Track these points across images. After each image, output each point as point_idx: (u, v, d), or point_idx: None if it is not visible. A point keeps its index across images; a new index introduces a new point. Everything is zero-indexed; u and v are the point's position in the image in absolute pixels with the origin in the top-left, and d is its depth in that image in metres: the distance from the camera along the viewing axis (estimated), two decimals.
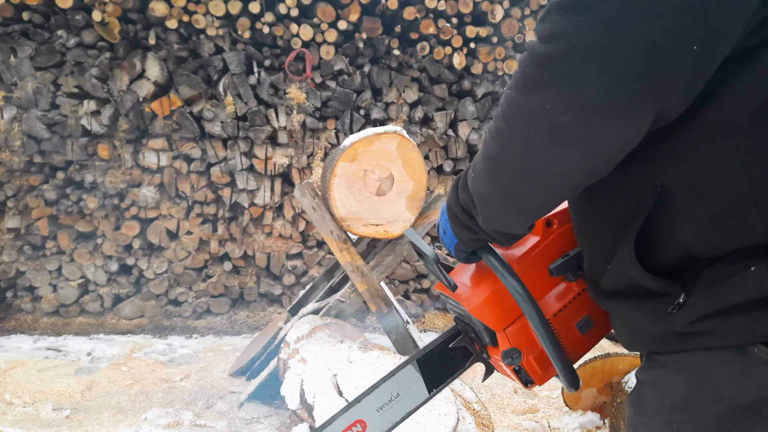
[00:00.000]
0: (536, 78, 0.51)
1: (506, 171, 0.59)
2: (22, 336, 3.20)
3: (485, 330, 0.81)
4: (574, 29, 0.46)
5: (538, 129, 0.52)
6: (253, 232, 3.67)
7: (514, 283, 0.73)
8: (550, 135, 0.52)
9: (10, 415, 2.14)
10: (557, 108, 0.49)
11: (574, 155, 0.53)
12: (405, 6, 3.44)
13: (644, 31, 0.44)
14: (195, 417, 2.12)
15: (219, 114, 3.44)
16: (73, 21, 3.25)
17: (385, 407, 0.94)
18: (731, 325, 0.53)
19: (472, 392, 2.06)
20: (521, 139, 0.55)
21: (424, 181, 2.14)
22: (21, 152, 3.37)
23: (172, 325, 3.52)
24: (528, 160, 0.56)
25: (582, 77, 0.47)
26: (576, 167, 0.54)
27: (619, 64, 0.45)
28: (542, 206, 0.63)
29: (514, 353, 0.78)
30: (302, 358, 1.91)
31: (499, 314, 0.79)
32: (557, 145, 0.52)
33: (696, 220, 0.56)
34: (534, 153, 0.55)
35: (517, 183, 0.59)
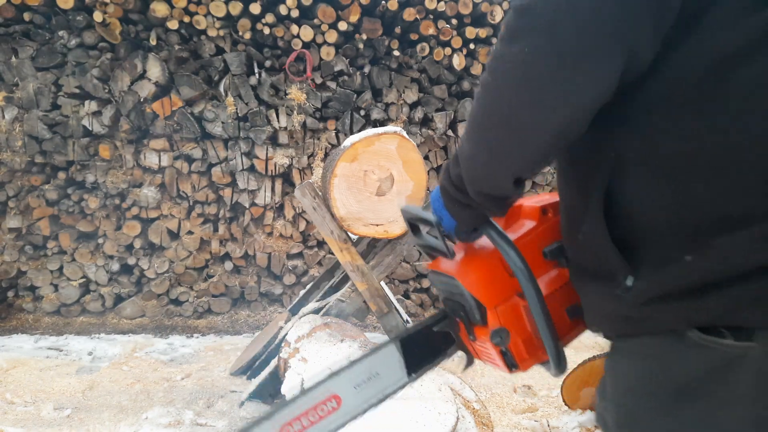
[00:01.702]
0: (516, 28, 0.54)
1: (491, 125, 0.62)
2: (23, 335, 3.21)
3: (476, 307, 0.80)
4: None
5: (519, 76, 0.55)
6: (253, 232, 3.68)
7: (515, 257, 0.74)
8: (529, 81, 0.54)
9: (11, 414, 2.15)
10: (536, 54, 0.53)
11: (553, 102, 0.55)
12: (405, 7, 3.45)
13: None
14: (196, 416, 2.13)
15: (220, 114, 3.45)
16: (75, 22, 3.26)
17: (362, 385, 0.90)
18: (670, 310, 0.55)
19: (471, 391, 2.07)
20: (504, 88, 0.58)
21: (424, 181, 2.15)
22: (22, 152, 3.38)
23: (173, 325, 3.53)
24: (510, 110, 0.58)
25: (558, 24, 0.51)
26: (555, 116, 0.56)
27: (590, 10, 0.50)
28: (526, 161, 0.64)
29: (503, 333, 0.78)
30: (303, 357, 1.92)
31: (492, 291, 0.79)
32: (537, 90, 0.55)
33: (644, 190, 0.58)
34: (516, 101, 0.57)
35: (502, 136, 0.61)
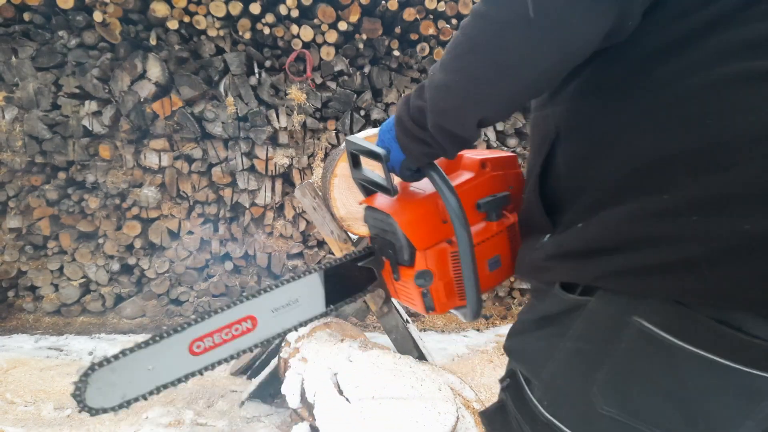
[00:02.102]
0: None
1: (477, 54, 0.62)
2: (23, 335, 3.21)
3: (407, 247, 0.82)
4: None
5: (519, 7, 0.56)
6: (253, 232, 3.68)
7: (454, 203, 0.76)
8: (527, 14, 0.56)
9: (11, 414, 2.15)
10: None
11: (546, 39, 0.58)
12: (405, 7, 3.45)
13: None
14: (196, 416, 2.13)
15: (220, 114, 3.45)
16: (74, 22, 3.26)
17: (280, 310, 0.92)
18: (557, 268, 0.67)
19: (471, 391, 2.08)
20: (501, 17, 0.59)
21: None
22: (22, 152, 3.38)
23: (174, 325, 3.53)
24: (502, 40, 0.60)
25: None
26: (543, 53, 0.59)
27: None
28: (500, 100, 0.66)
29: (427, 275, 0.81)
30: (303, 357, 1.92)
31: (424, 234, 0.81)
32: (533, 24, 0.56)
33: (567, 162, 0.69)
34: (510, 32, 0.58)
35: (485, 65, 0.62)
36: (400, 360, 1.90)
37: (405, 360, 1.92)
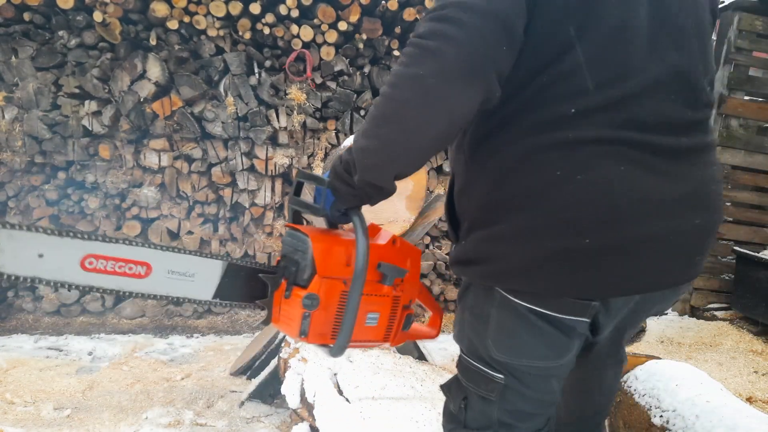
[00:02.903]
0: (416, 56, 0.77)
1: (388, 124, 0.81)
2: (23, 335, 3.21)
3: (310, 267, 0.92)
4: (443, 31, 0.75)
5: (415, 89, 0.77)
6: (253, 232, 3.68)
7: (363, 246, 0.90)
8: (423, 93, 0.77)
9: (11, 414, 2.15)
10: (429, 74, 0.75)
11: (438, 109, 0.77)
12: (405, 7, 3.45)
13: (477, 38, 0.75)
14: (196, 416, 2.13)
15: (220, 114, 3.45)
16: (74, 22, 3.26)
17: (175, 275, 0.96)
18: (455, 269, 1.01)
19: None
20: (402, 97, 0.79)
21: (423, 181, 2.15)
22: (22, 152, 3.38)
23: (173, 325, 3.53)
24: (405, 113, 0.79)
25: (445, 56, 0.75)
26: (435, 121, 0.79)
27: (467, 51, 0.75)
28: (408, 158, 0.85)
29: (315, 299, 0.91)
30: (302, 357, 1.92)
31: (329, 263, 0.93)
32: (427, 98, 0.77)
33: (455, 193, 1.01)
34: (410, 106, 0.78)
35: (395, 133, 0.80)
36: (400, 360, 1.90)
37: (405, 360, 1.92)
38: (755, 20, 3.73)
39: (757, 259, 3.48)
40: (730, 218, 3.96)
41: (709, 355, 3.10)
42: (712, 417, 1.46)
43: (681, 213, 0.87)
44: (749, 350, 3.18)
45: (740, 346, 3.24)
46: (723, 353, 3.12)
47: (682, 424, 1.50)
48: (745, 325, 3.60)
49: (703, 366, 2.88)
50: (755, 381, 2.69)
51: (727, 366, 2.90)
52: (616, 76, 0.82)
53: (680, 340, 3.37)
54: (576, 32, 0.80)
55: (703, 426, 1.44)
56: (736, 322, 3.69)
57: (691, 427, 1.47)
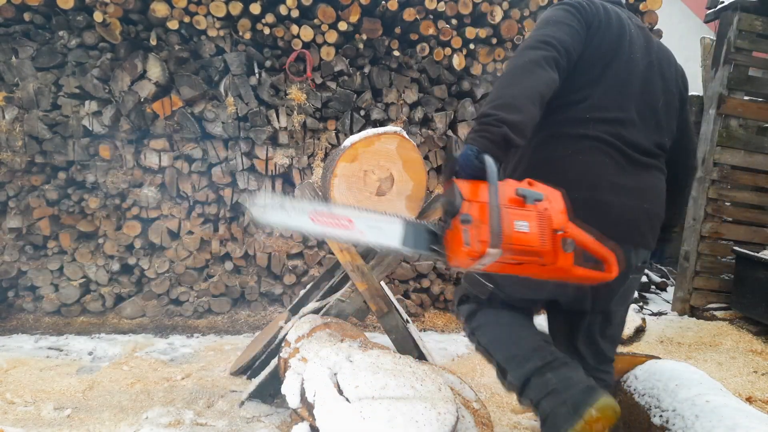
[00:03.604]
0: (526, 48, 1.35)
1: (515, 72, 1.30)
2: (23, 335, 3.21)
3: (459, 197, 1.17)
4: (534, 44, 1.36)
5: (525, 63, 1.30)
6: (254, 232, 3.68)
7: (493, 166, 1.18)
8: (529, 62, 1.30)
9: (11, 414, 2.15)
10: (534, 59, 1.31)
11: (537, 75, 1.29)
12: (405, 7, 3.45)
13: (560, 29, 1.39)
14: (196, 416, 2.13)
15: (220, 114, 3.45)
16: (75, 22, 3.26)
17: (371, 227, 1.27)
18: None
19: (471, 391, 2.08)
20: (520, 60, 1.31)
21: (423, 181, 2.15)
22: (22, 152, 3.38)
23: (174, 325, 3.53)
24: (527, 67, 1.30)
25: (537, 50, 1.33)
26: (538, 79, 1.29)
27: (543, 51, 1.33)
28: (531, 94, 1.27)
29: (467, 216, 1.15)
30: (303, 357, 1.92)
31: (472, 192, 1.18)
32: (532, 63, 1.31)
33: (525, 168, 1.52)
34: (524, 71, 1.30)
35: (519, 76, 1.29)
36: (400, 360, 1.90)
37: (405, 360, 1.92)
38: (755, 20, 3.73)
39: (757, 259, 3.48)
40: (730, 218, 3.96)
41: (708, 354, 3.10)
42: (712, 417, 1.46)
43: (632, 197, 1.40)
44: (749, 350, 3.18)
45: (740, 346, 3.24)
46: (723, 353, 3.12)
47: (681, 424, 1.50)
48: (744, 325, 3.60)
49: (702, 366, 2.88)
50: (755, 381, 2.69)
51: (727, 366, 2.90)
52: (617, 107, 1.41)
53: (680, 339, 3.37)
54: (601, 73, 1.41)
55: (702, 426, 1.44)
56: (736, 322, 3.69)
57: (690, 427, 1.47)
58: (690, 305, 3.99)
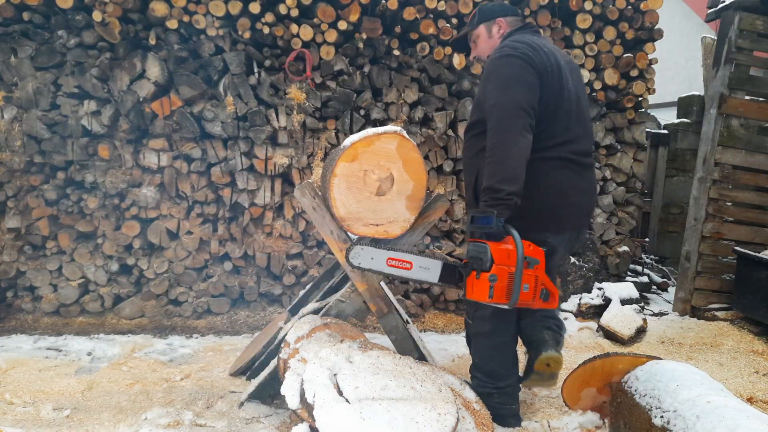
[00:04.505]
0: (509, 117, 1.80)
1: (507, 146, 1.73)
2: (22, 336, 3.20)
3: (490, 260, 1.65)
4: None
5: (511, 133, 1.76)
6: (253, 232, 3.67)
7: (521, 244, 1.68)
8: (515, 135, 1.75)
9: (10, 414, 2.14)
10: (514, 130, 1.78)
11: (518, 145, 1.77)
12: (405, 6, 3.44)
13: (524, 89, 1.80)
14: (195, 416, 2.12)
15: (219, 114, 3.44)
16: (74, 21, 3.26)
17: (421, 268, 1.82)
18: None
19: (471, 392, 2.07)
20: (508, 135, 1.74)
21: (424, 181, 2.14)
22: (21, 152, 3.37)
23: (173, 325, 3.52)
24: (512, 140, 1.74)
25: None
26: (522, 144, 1.77)
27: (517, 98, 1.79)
28: (521, 162, 1.73)
29: (495, 277, 1.64)
30: (302, 357, 1.91)
31: (500, 258, 1.67)
32: (516, 135, 1.76)
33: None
34: (512, 138, 1.75)
35: (510, 149, 1.72)
36: (400, 361, 1.89)
37: (405, 361, 1.91)
38: (756, 20, 3.72)
39: (758, 260, 3.47)
40: (731, 218, 3.95)
41: (709, 355, 3.09)
42: (713, 417, 1.45)
43: (586, 194, 1.99)
44: (750, 350, 3.17)
45: (741, 347, 3.23)
46: (724, 353, 3.11)
47: (682, 425, 1.49)
48: (745, 326, 3.59)
49: (703, 366, 2.88)
50: (756, 381, 2.68)
51: (728, 366, 2.90)
52: (567, 129, 1.90)
53: (681, 340, 3.36)
54: (554, 109, 1.86)
55: (703, 426, 1.43)
56: (737, 322, 3.68)
57: (691, 428, 1.46)
58: (691, 305, 3.98)
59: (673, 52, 9.84)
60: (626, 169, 4.13)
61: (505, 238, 1.70)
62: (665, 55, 8.25)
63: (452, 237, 3.90)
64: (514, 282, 1.62)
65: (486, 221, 1.67)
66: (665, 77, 9.29)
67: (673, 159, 5.65)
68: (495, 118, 1.75)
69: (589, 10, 3.70)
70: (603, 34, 3.80)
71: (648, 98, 4.05)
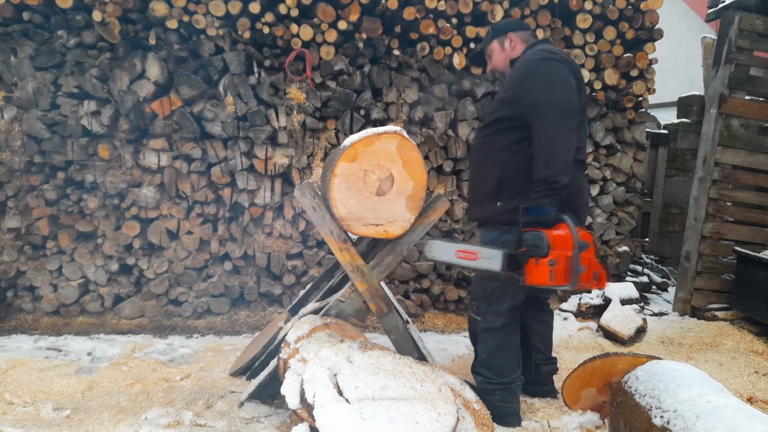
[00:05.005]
0: (564, 115, 1.93)
1: (562, 140, 1.86)
2: (22, 336, 3.20)
3: (547, 246, 1.76)
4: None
5: (565, 129, 1.89)
6: (253, 232, 3.67)
7: (575, 231, 1.79)
8: (567, 131, 1.89)
9: (10, 414, 2.14)
10: (568, 127, 1.91)
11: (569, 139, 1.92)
12: (405, 6, 3.44)
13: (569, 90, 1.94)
14: (195, 416, 2.12)
15: (219, 114, 3.44)
16: (74, 21, 3.26)
17: (486, 257, 1.89)
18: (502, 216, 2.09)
19: (471, 392, 2.07)
20: (563, 129, 1.87)
21: (424, 181, 2.14)
22: (21, 152, 3.37)
23: (173, 325, 3.52)
24: (564, 135, 1.88)
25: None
26: (570, 140, 1.91)
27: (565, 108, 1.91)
28: (570, 156, 1.88)
29: (553, 261, 1.76)
30: (302, 357, 1.91)
31: (556, 243, 1.78)
32: (568, 131, 1.89)
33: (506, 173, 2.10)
34: (565, 133, 1.89)
35: (563, 144, 1.86)
36: (400, 361, 1.89)
37: (405, 361, 1.91)
38: (756, 20, 3.72)
39: (758, 260, 3.47)
40: (731, 218, 3.96)
41: (709, 355, 3.09)
42: (713, 417, 1.45)
43: (587, 196, 2.41)
44: (750, 350, 3.17)
45: (741, 347, 3.23)
46: (724, 353, 3.11)
47: (682, 425, 1.49)
48: (745, 326, 3.59)
49: (703, 366, 2.88)
50: (756, 381, 2.68)
51: (728, 366, 2.90)
52: (580, 135, 2.07)
53: (681, 340, 3.36)
54: (581, 119, 2.07)
55: (703, 426, 1.43)
56: (737, 322, 3.68)
57: (691, 428, 1.46)
58: (691, 305, 3.99)
59: (673, 52, 9.84)
60: (626, 169, 4.13)
61: (558, 225, 1.81)
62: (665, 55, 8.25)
63: (452, 237, 3.90)
64: (572, 264, 1.75)
65: (539, 211, 1.82)
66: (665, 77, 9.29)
67: (673, 159, 5.65)
68: (544, 115, 1.84)
69: (589, 10, 3.70)
70: (603, 34, 3.80)
71: (648, 98, 4.05)
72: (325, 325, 2.18)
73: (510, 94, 2.02)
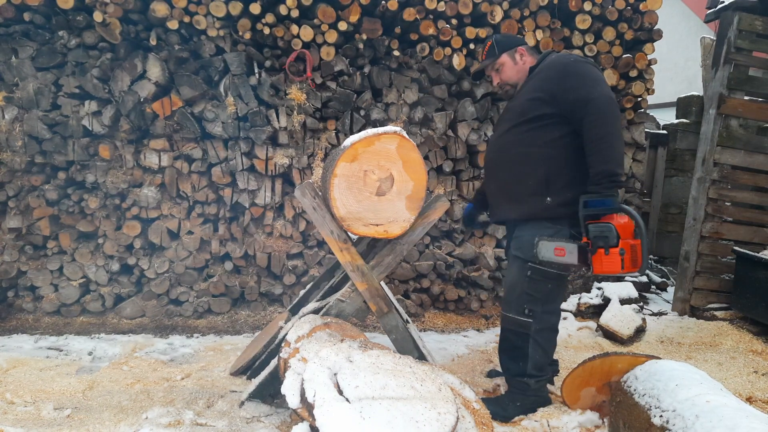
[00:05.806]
0: (614, 109, 2.02)
1: (618, 134, 1.97)
2: (23, 335, 3.21)
3: (616, 237, 1.84)
4: None
5: (618, 123, 2.00)
6: (253, 232, 3.68)
7: (641, 220, 1.87)
8: (619, 126, 2.00)
9: (11, 414, 2.15)
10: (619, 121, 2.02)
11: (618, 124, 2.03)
12: (405, 7, 3.45)
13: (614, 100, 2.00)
14: (196, 416, 2.13)
15: (220, 114, 3.45)
16: (75, 22, 3.26)
17: (570, 253, 1.94)
18: (554, 210, 2.13)
19: (471, 391, 2.07)
20: (617, 123, 1.98)
21: (423, 181, 2.15)
22: (22, 152, 3.38)
23: (173, 325, 3.53)
24: (619, 129, 1.99)
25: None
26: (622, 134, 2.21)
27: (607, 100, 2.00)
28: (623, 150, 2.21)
29: (623, 250, 1.82)
30: (303, 357, 1.92)
31: (623, 233, 1.86)
32: (620, 126, 2.04)
33: (553, 169, 2.16)
34: (619, 127, 1.99)
35: (619, 138, 1.97)
36: (400, 360, 1.90)
37: (405, 360, 1.92)
38: (755, 20, 3.73)
39: (757, 259, 3.48)
40: (730, 218, 3.96)
41: (708, 355, 3.10)
42: (712, 417, 1.46)
43: None
44: (749, 350, 3.18)
45: (740, 346, 3.24)
46: (723, 353, 3.12)
47: (681, 424, 1.50)
48: (744, 325, 3.60)
49: (702, 366, 2.88)
50: (755, 381, 2.69)
51: (727, 366, 2.90)
52: None
53: (680, 340, 3.37)
54: None
55: (703, 426, 1.44)
56: (736, 322, 3.69)
57: (690, 427, 1.47)
58: (690, 305, 3.99)
59: (672, 52, 9.85)
60: (625, 169, 4.14)
61: (618, 216, 1.89)
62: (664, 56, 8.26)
63: (452, 237, 3.91)
64: (642, 251, 1.83)
65: (600, 204, 1.89)
66: (664, 78, 9.30)
67: (672, 159, 5.66)
68: (595, 111, 1.93)
69: (589, 11, 3.71)
70: (602, 34, 3.81)
71: (647, 98, 4.06)
72: (325, 324, 2.19)
73: (548, 94, 2.08)
